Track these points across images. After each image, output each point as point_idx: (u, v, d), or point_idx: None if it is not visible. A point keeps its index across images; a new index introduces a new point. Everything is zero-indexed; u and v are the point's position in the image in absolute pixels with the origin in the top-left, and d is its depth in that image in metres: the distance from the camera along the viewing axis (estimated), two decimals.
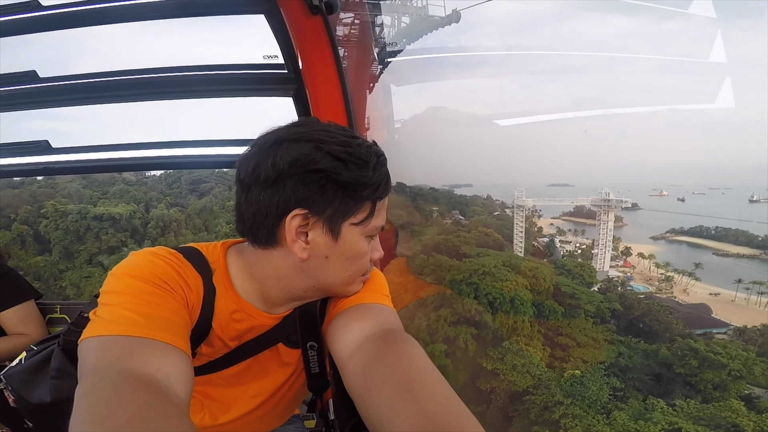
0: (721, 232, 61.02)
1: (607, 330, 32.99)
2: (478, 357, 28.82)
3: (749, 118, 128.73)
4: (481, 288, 31.04)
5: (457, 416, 0.60)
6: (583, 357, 29.65)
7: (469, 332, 29.13)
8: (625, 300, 36.51)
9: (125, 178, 54.80)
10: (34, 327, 1.79)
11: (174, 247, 0.88)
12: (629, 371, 29.12)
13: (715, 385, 26.98)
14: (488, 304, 30.61)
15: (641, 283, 51.34)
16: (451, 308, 29.91)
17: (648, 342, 32.69)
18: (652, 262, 53.37)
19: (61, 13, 1.68)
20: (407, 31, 25.37)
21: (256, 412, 1.05)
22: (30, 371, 0.98)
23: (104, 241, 38.92)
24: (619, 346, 31.06)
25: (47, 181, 49.37)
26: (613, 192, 53.92)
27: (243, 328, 0.93)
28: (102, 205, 42.77)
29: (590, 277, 42.13)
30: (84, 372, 0.64)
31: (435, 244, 39.32)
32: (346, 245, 0.85)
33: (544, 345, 30.67)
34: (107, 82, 1.88)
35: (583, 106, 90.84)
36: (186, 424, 0.57)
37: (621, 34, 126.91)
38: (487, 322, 29.77)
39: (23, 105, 1.92)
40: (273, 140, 0.80)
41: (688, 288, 49.19)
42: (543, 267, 35.43)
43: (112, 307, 0.72)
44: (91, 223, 38.98)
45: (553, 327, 31.92)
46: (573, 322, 32.29)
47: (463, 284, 31.00)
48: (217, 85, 1.90)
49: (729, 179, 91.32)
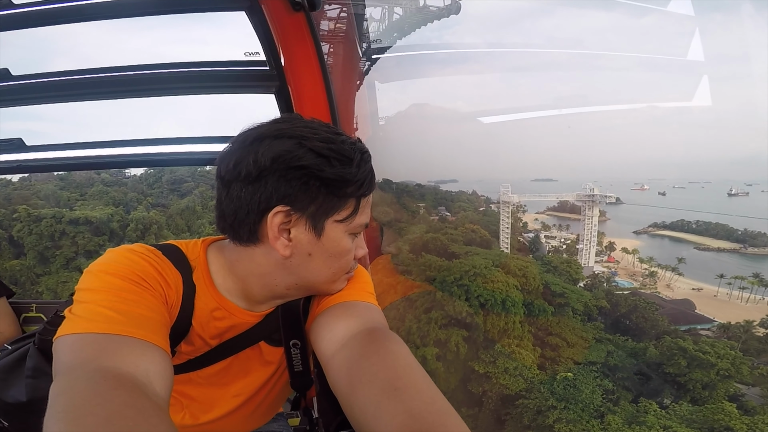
0: (702, 226, 61.98)
1: (594, 328, 33.10)
2: (469, 360, 28.40)
3: (725, 112, 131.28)
4: (472, 290, 30.70)
5: (442, 415, 0.60)
6: (574, 357, 29.52)
7: (460, 335, 28.67)
8: (611, 297, 36.59)
9: (104, 179, 52.98)
10: (6, 325, 1.69)
11: (153, 244, 0.85)
12: (618, 371, 29.04)
13: (704, 385, 27.15)
14: (479, 306, 30.06)
15: (625, 279, 51.70)
16: (441, 310, 29.43)
17: (635, 339, 32.87)
18: (636, 257, 53.66)
19: (35, 10, 1.63)
20: (399, 24, 24.19)
21: (239, 411, 1.02)
22: (5, 370, 0.96)
23: (81, 245, 37.38)
24: (608, 345, 31.13)
25: (23, 183, 47.56)
26: (596, 187, 53.99)
27: (224, 326, 0.91)
28: (79, 209, 40.93)
29: (576, 274, 42.30)
30: (59, 370, 0.63)
31: (423, 242, 38.68)
32: (330, 242, 0.84)
33: (534, 345, 30.43)
34: (83, 79, 1.82)
35: (565, 103, 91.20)
36: (166, 422, 0.56)
37: (599, 30, 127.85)
38: (478, 324, 29.31)
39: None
40: (254, 137, 0.79)
41: (671, 283, 49.69)
42: (532, 266, 35.17)
43: (88, 304, 0.70)
44: (67, 227, 37.53)
45: (543, 326, 31.79)
46: (563, 320, 32.16)
47: (454, 286, 30.44)
48: (198, 82, 1.85)
49: (707, 173, 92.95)
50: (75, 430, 0.50)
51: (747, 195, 70.62)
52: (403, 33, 24.23)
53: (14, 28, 1.70)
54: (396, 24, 24.03)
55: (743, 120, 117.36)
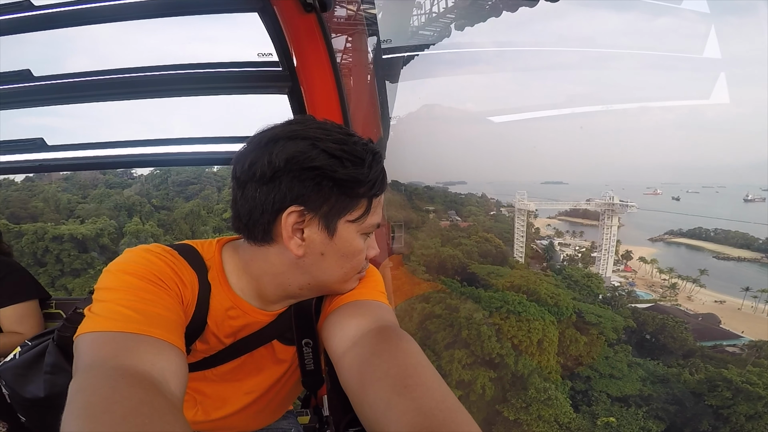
0: (721, 233, 58.33)
1: (622, 350, 29.95)
2: (496, 402, 25.21)
3: (740, 115, 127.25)
4: (504, 330, 26.98)
5: (452, 412, 0.60)
6: (608, 390, 26.34)
7: (487, 376, 25.23)
8: (638, 315, 34.04)
9: (108, 180, 50.29)
10: (29, 327, 1.74)
11: (169, 244, 0.88)
12: (653, 400, 25.91)
13: (748, 416, 25.16)
14: (512, 347, 26.55)
15: (644, 290, 48.29)
16: (466, 349, 25.77)
17: (663, 361, 30.71)
18: (655, 267, 50.23)
19: (54, 12, 1.68)
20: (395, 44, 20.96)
21: (250, 408, 1.04)
22: (24, 366, 0.97)
23: (67, 263, 35.17)
24: (638, 370, 28.29)
25: (25, 184, 44.88)
26: (608, 190, 50.68)
27: (238, 325, 0.92)
28: (68, 223, 37.98)
29: (598, 288, 39.39)
30: (79, 367, 0.65)
31: (440, 260, 35.33)
32: (342, 242, 0.84)
33: (564, 378, 27.12)
34: (101, 80, 1.84)
35: (576, 103, 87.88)
36: (180, 421, 0.56)
37: (612, 31, 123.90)
38: (508, 364, 25.85)
39: (18, 103, 1.90)
40: (269, 138, 0.80)
41: (692, 295, 46.22)
42: (564, 294, 31.80)
43: (106, 303, 0.72)
44: (50, 244, 34.80)
45: (573, 356, 28.45)
46: (594, 349, 28.87)
47: (483, 325, 26.71)
48: (212, 83, 1.86)
49: (721, 177, 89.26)
50: (92, 428, 0.51)
51: (764, 201, 66.77)
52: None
53: (34, 29, 1.74)
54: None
55: (759, 123, 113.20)
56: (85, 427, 0.51)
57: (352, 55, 4.14)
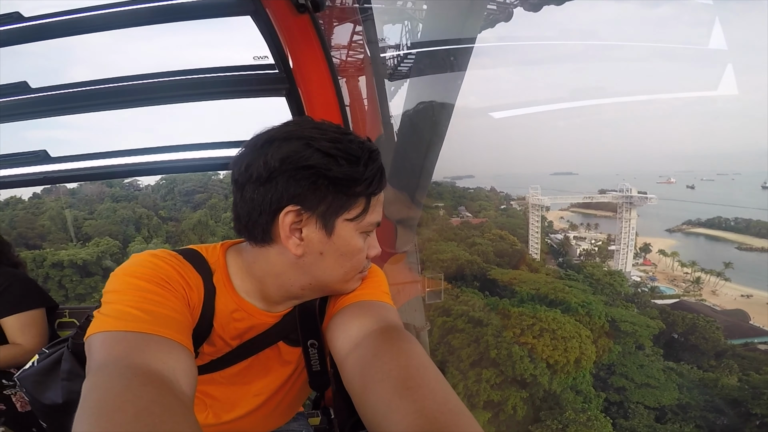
0: (741, 223, 55.76)
1: (654, 354, 27.93)
2: (527, 422, 23.29)
3: (752, 103, 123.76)
4: (538, 350, 24.89)
5: (454, 414, 0.59)
6: (644, 401, 24.43)
7: (518, 396, 23.25)
8: (666, 316, 32.25)
9: (114, 193, 49.03)
10: (30, 337, 1.72)
11: (174, 249, 0.90)
12: (690, 409, 24.08)
13: None
14: (546, 367, 24.50)
15: (665, 284, 46.10)
16: (495, 368, 23.63)
17: (696, 363, 28.83)
18: (676, 260, 48.00)
19: (44, 23, 1.67)
20: None
21: (260, 410, 1.04)
22: (42, 373, 0.98)
23: (70, 289, 33.41)
24: (672, 375, 26.25)
25: (32, 201, 43.86)
26: (624, 182, 48.44)
27: (243, 327, 0.93)
28: (69, 248, 36.32)
29: (621, 287, 37.30)
30: (92, 366, 0.66)
31: (458, 266, 33.38)
32: (341, 241, 0.84)
33: (596, 389, 25.18)
34: (99, 90, 1.84)
35: (581, 95, 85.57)
36: (190, 420, 0.58)
37: (613, 21, 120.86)
38: (541, 383, 23.85)
39: (16, 116, 1.90)
40: (264, 140, 0.81)
41: (717, 289, 43.97)
42: (595, 302, 29.76)
43: (115, 305, 0.73)
44: (50, 271, 33.06)
45: (606, 365, 26.55)
46: (628, 358, 26.88)
47: (514, 345, 24.63)
48: (210, 88, 1.86)
49: (735, 165, 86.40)
50: (105, 426, 0.51)
51: None
52: None
53: (25, 41, 1.73)
54: None
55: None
56: (98, 425, 0.52)
57: (350, 54, 3.99)
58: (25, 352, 1.66)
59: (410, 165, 3.04)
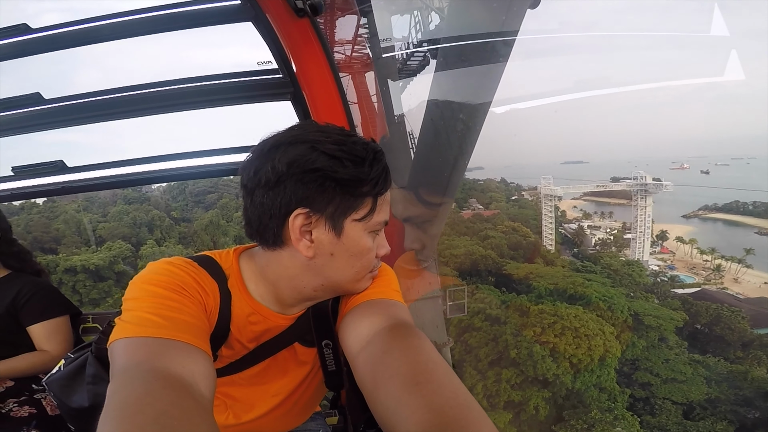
0: (760, 206, 54.20)
1: (678, 347, 27.16)
2: (550, 422, 22.57)
3: (760, 88, 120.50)
4: (560, 349, 24.02)
5: (464, 409, 0.60)
6: (672, 396, 23.64)
7: (540, 396, 22.51)
8: (689, 306, 30.64)
9: (126, 196, 49.17)
10: (56, 344, 1.77)
11: (188, 256, 0.92)
12: (720, 404, 23.27)
13: None
14: (569, 365, 23.65)
15: (684, 272, 44.93)
16: (515, 368, 22.81)
17: (722, 355, 27.59)
18: (695, 247, 46.77)
19: (51, 35, 1.70)
20: None
21: (278, 410, 1.07)
22: (69, 377, 1.01)
23: (83, 294, 33.26)
24: (698, 368, 25.30)
25: (47, 205, 44.27)
26: (638, 170, 47.20)
27: (260, 330, 0.95)
28: (82, 253, 36.31)
29: (640, 277, 36.19)
30: (116, 371, 0.68)
31: (472, 261, 32.58)
32: (350, 242, 0.86)
33: (621, 386, 24.38)
34: (109, 99, 1.87)
35: (587, 85, 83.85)
36: (209, 423, 0.59)
37: (615, 9, 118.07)
38: (564, 383, 23.03)
39: (29, 128, 1.92)
40: (271, 144, 0.83)
41: (739, 276, 42.72)
42: (617, 296, 28.77)
43: (135, 312, 0.76)
44: (63, 276, 32.85)
45: (629, 359, 25.77)
46: (653, 352, 26.04)
47: (535, 344, 23.82)
48: (216, 95, 1.87)
49: (750, 149, 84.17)
50: (126, 428, 0.53)
51: None
52: None
53: (32, 53, 1.74)
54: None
55: None
56: (119, 427, 0.53)
57: (352, 55, 3.97)
58: (52, 359, 1.70)
59: (436, 165, 2.84)
